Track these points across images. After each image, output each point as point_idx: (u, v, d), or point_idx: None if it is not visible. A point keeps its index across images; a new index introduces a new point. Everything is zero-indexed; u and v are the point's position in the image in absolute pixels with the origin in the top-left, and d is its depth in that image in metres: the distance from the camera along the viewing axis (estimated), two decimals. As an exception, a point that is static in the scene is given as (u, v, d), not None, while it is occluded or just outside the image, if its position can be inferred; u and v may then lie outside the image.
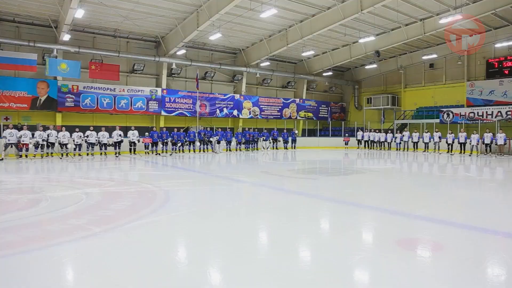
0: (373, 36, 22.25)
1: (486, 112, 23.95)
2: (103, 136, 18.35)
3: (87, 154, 18.23)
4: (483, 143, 20.86)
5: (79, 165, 14.65)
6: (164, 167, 14.29)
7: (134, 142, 19.29)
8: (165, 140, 20.32)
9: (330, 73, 30.47)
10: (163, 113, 23.61)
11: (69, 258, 4.13)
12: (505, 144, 20.42)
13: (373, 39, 22.84)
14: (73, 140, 17.66)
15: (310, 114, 31.21)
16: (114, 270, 3.74)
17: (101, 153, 18.52)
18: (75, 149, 17.79)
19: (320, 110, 31.95)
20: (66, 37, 18.84)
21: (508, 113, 22.91)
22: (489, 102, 24.97)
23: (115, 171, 13.10)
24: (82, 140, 17.89)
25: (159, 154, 19.94)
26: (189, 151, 21.50)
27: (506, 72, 24.39)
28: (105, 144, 18.37)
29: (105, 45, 21.70)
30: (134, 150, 19.42)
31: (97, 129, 18.67)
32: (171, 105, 23.92)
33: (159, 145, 20.15)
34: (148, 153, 19.83)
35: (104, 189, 8.59)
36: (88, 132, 18.11)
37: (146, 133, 19.97)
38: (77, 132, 17.87)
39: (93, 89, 21.27)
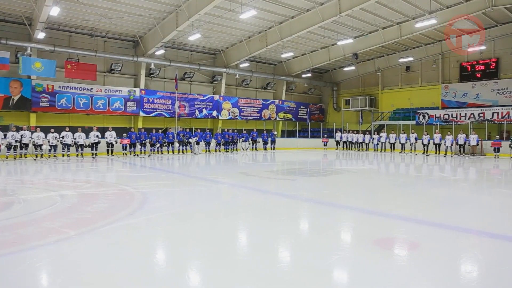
0: (351, 39, 22.55)
1: (460, 114, 24.60)
2: (80, 137, 17.96)
3: (63, 156, 17.83)
4: (457, 144, 21.45)
5: (54, 166, 14.31)
6: (143, 169, 14.11)
7: (111, 143, 18.97)
8: (144, 141, 20.06)
9: (309, 74, 30.73)
10: (141, 113, 23.31)
11: (43, 263, 4.03)
12: (477, 145, 21.06)
13: (351, 42, 23.16)
14: (48, 141, 17.21)
15: (289, 115, 31.39)
16: (90, 274, 3.67)
17: (77, 155, 18.14)
18: (50, 150, 17.35)
19: (299, 111, 32.17)
20: (40, 35, 18.35)
21: (480, 115, 23.60)
22: (463, 104, 25.68)
23: (92, 173, 12.86)
24: (58, 141, 17.44)
25: (137, 155, 19.67)
26: (168, 152, 21.30)
27: (478, 75, 25.15)
28: (81, 145, 17.98)
29: (82, 44, 21.25)
30: (112, 151, 19.09)
31: (73, 129, 18.26)
32: (149, 105, 23.64)
33: (137, 146, 19.87)
34: (126, 154, 19.54)
35: (80, 191, 8.42)
36: (63, 133, 17.66)
37: (124, 134, 19.68)
38: (52, 133, 17.41)
39: (69, 89, 20.81)
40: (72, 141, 17.73)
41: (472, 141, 20.98)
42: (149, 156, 19.63)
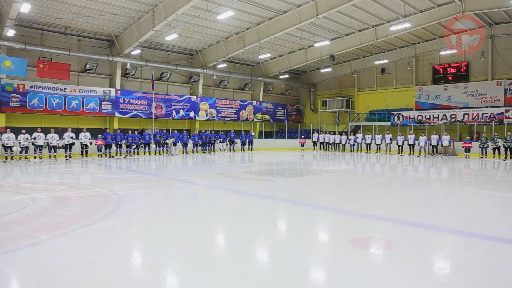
0: (328, 41, 22.81)
1: (433, 115, 25.24)
2: (52, 138, 17.47)
3: (35, 157, 17.33)
4: (430, 144, 22.02)
5: (25, 169, 13.90)
6: (118, 170, 13.86)
7: (86, 145, 18.54)
8: (119, 142, 19.71)
9: (286, 75, 30.92)
10: (117, 114, 22.89)
11: (12, 268, 3.89)
12: (449, 145, 21.68)
13: (328, 44, 23.43)
14: (19, 143, 16.68)
15: (267, 116, 31.48)
16: (63, 279, 3.57)
17: (50, 156, 17.66)
18: (21, 152, 16.82)
19: (277, 112, 32.30)
20: (10, 32, 17.72)
21: (452, 116, 24.27)
22: (435, 106, 26.37)
23: (66, 175, 12.54)
24: (29, 142, 16.93)
25: (113, 156, 19.32)
26: (144, 154, 21.00)
27: (450, 78, 25.87)
28: (54, 147, 17.51)
29: (55, 43, 20.69)
30: (86, 153, 18.67)
31: (46, 130, 17.77)
32: (125, 106, 23.24)
33: (112, 148, 19.51)
34: (101, 155, 19.15)
35: (53, 194, 8.20)
36: (35, 134, 17.14)
37: (99, 135, 19.28)
38: (24, 134, 16.87)
39: (41, 88, 20.22)
40: (44, 142, 17.24)
41: (445, 142, 21.58)
42: (125, 157, 19.30)
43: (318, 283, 3.63)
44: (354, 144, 25.73)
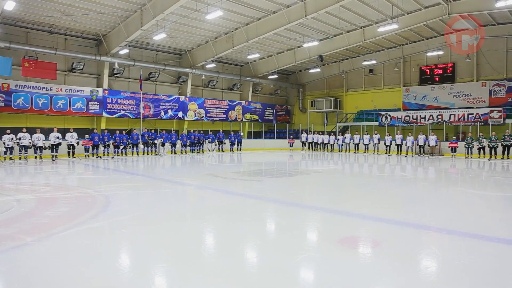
0: (316, 41, 22.91)
1: (420, 115, 25.54)
2: (38, 139, 17.22)
3: (20, 158, 17.06)
4: (417, 144, 22.29)
5: (10, 169, 13.67)
6: (106, 171, 13.73)
7: (73, 145, 18.31)
8: (107, 143, 19.51)
9: (275, 76, 30.97)
10: (104, 114, 22.67)
11: (-3, 271, 3.82)
12: (436, 145, 21.97)
13: (317, 44, 23.53)
14: (4, 143, 16.40)
15: (256, 117, 31.50)
16: (49, 282, 3.52)
17: (35, 157, 17.40)
18: (5, 153, 16.52)
19: (266, 113, 32.33)
20: (-5, 31, 17.51)
21: (439, 116, 24.59)
22: (422, 106, 26.69)
23: (52, 176, 12.37)
24: (14, 142, 16.66)
25: (100, 157, 19.13)
26: (132, 154, 20.85)
27: (437, 79, 26.23)
28: (40, 147, 17.26)
29: (41, 41, 20.40)
30: (73, 153, 18.45)
31: (32, 131, 17.51)
32: (113, 106, 23.03)
33: (100, 148, 19.32)
34: (88, 156, 18.95)
35: (38, 195, 8.08)
36: (20, 134, 16.88)
37: (87, 135, 19.06)
38: (8, 134, 16.59)
39: (27, 88, 19.91)
40: (30, 142, 16.97)
41: (431, 142, 21.86)
42: (112, 158, 19.13)
43: (307, 283, 3.64)
44: (342, 144, 25.91)
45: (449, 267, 4.01)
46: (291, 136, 30.07)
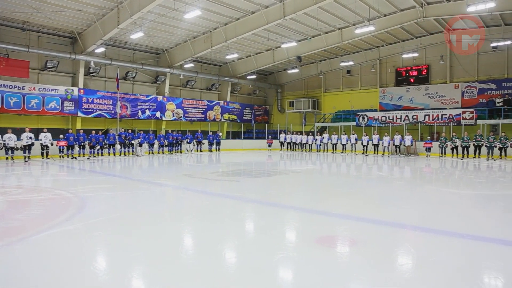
0: (295, 42, 23.06)
1: (396, 116, 26.04)
2: (10, 139, 16.71)
3: (-9, 159, 16.53)
4: (393, 144, 22.74)
5: (-20, 170, 13.22)
6: (81, 172, 13.45)
7: (46, 145, 17.84)
8: (82, 143, 19.10)
9: (254, 76, 31.02)
10: (80, 114, 22.18)
11: (-34, 276, 3.69)
12: (411, 145, 22.47)
13: (295, 45, 23.68)
14: (-27, 143, 15.89)
15: (234, 117, 31.46)
16: (21, 287, 3.42)
17: (7, 158, 16.87)
18: (-24, 153, 16.02)
19: (244, 113, 32.33)
20: (-36, 28, 16.88)
21: (414, 117, 25.13)
22: (398, 107, 27.23)
23: (24, 177, 12.03)
24: (-16, 143, 16.14)
25: (76, 158, 18.72)
26: (109, 155, 20.48)
27: (412, 80, 26.84)
28: (11, 148, 16.75)
29: (12, 38, 19.73)
30: (47, 154, 17.99)
31: (3, 131, 16.97)
32: (89, 105, 22.57)
33: (75, 149, 18.90)
34: (63, 157, 18.51)
35: (10, 198, 7.85)
36: (-9, 135, 16.38)
37: (61, 136, 18.61)
38: (-22, 134, 16.10)
39: (-2, 86, 19.32)
40: (0, 143, 16.46)
41: (407, 142, 22.35)
42: (88, 158, 18.75)
43: (285, 283, 3.66)
44: (320, 144, 26.16)
45: (423, 264, 4.10)
46: (270, 136, 30.19)
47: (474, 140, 20.02)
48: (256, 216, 6.66)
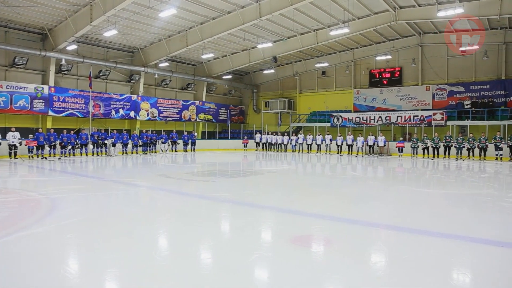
0: (270, 43, 23.15)
1: (369, 117, 26.54)
2: (-24, 138, 16.12)
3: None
4: (367, 145, 23.16)
5: None
6: (52, 173, 13.08)
7: (15, 145, 17.27)
8: (53, 143, 18.56)
9: (229, 76, 30.96)
10: (50, 113, 21.56)
11: None
12: (384, 145, 22.94)
13: (271, 46, 23.78)
14: None
15: (210, 117, 31.32)
16: (-14, 291, 3.29)
17: (-27, 157, 16.26)
18: None
19: (220, 113, 32.24)
20: None
21: (387, 118, 25.67)
22: (372, 108, 27.76)
23: (-9, 178, 11.60)
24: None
25: (46, 158, 18.18)
26: (81, 155, 19.99)
27: (385, 82, 27.43)
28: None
29: (-22, 35, 19.06)
30: (15, 154, 17.40)
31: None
32: (60, 104, 21.97)
33: (45, 148, 18.35)
34: (32, 157, 17.94)
35: (-24, 199, 7.55)
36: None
37: (30, 135, 18.03)
38: None
39: (-37, 84, 18.56)
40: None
41: (380, 142, 22.81)
42: (59, 159, 18.25)
43: (260, 283, 3.67)
44: (295, 145, 26.37)
45: (395, 262, 4.21)
46: (245, 137, 30.19)
47: (444, 141, 20.63)
48: (231, 216, 6.65)
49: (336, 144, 24.07)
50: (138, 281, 3.53)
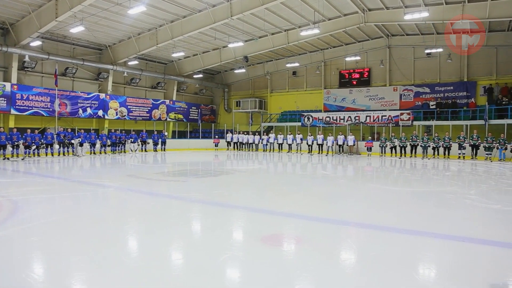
0: (242, 42, 23.17)
1: (339, 116, 26.98)
2: None
3: None
4: (337, 144, 23.55)
5: None
6: (15, 174, 12.59)
7: (-26, 145, 16.53)
8: (16, 143, 17.84)
9: (200, 75, 30.75)
10: (13, 111, 20.71)
11: None
12: (354, 145, 23.41)
13: (242, 45, 23.80)
14: None
15: (181, 116, 30.99)
16: None
17: None
18: None
19: (191, 112, 31.96)
20: None
21: (356, 118, 26.19)
22: (342, 108, 28.24)
23: None
24: None
25: (8, 158, 17.46)
26: (46, 155, 19.32)
27: (355, 82, 27.96)
28: None
29: None
30: (-25, 154, 16.66)
31: None
32: (23, 102, 21.14)
33: (7, 149, 17.61)
34: (-7, 157, 17.22)
35: None
36: None
37: (-9, 135, 17.30)
38: None
39: None
40: None
41: (350, 142, 23.27)
42: (23, 159, 17.58)
43: (231, 282, 3.66)
44: (267, 144, 26.50)
45: (364, 259, 4.29)
46: (217, 136, 30.07)
47: (410, 140, 21.25)
48: (201, 216, 6.60)
49: (307, 143, 24.36)
50: (107, 284, 3.44)
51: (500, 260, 4.33)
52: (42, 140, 18.89)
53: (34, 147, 18.51)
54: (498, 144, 19.02)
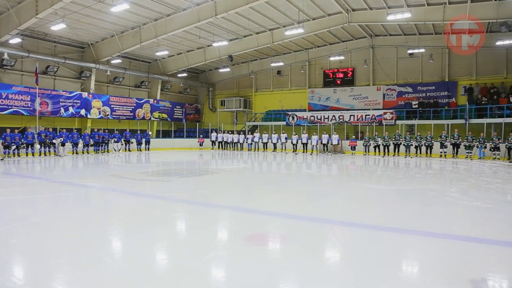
0: (226, 41, 23.10)
1: (324, 116, 27.15)
2: None
3: None
4: (321, 143, 23.70)
5: None
6: (-7, 174, 12.30)
7: (-49, 145, 16.09)
8: (-5, 142, 17.46)
9: (185, 74, 30.57)
10: (-8, 110, 20.27)
11: None
12: (338, 144, 23.60)
13: (227, 44, 23.74)
14: None
15: (165, 115, 30.75)
16: None
17: None
18: None
19: (175, 111, 31.74)
20: None
21: (340, 117, 26.39)
22: (326, 107, 28.43)
23: None
24: None
25: (-13, 158, 17.09)
26: (27, 155, 18.92)
27: (339, 82, 28.18)
28: None
29: None
30: (-48, 154, 16.22)
31: None
32: (2, 101, 20.65)
33: (-14, 148, 17.22)
34: (-29, 157, 16.79)
35: None
36: None
37: (-31, 134, 16.87)
38: None
39: None
40: None
41: (334, 141, 23.44)
42: (2, 159, 17.18)
43: (216, 282, 3.64)
44: (251, 143, 26.49)
45: (348, 257, 4.34)
46: (201, 135, 29.92)
47: (393, 139, 21.54)
48: (186, 216, 6.56)
49: (292, 142, 24.44)
50: (90, 286, 3.39)
51: (479, 256, 4.42)
52: (23, 140, 18.47)
53: (14, 147, 18.09)
54: (478, 143, 19.44)
